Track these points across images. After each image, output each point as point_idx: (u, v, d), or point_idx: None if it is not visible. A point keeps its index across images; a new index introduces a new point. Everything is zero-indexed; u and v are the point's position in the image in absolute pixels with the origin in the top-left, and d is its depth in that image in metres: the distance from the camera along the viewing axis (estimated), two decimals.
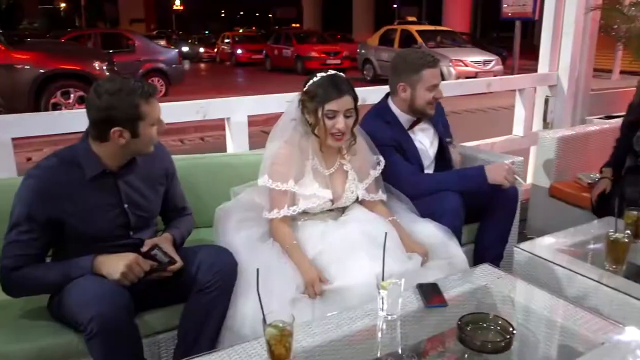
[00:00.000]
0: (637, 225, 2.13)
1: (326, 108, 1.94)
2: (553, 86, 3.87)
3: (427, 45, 13.35)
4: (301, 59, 16.95)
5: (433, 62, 2.32)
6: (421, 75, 2.31)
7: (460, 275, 1.87)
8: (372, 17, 26.68)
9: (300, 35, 19.03)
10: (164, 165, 1.92)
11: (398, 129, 2.40)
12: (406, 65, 2.34)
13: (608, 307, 1.81)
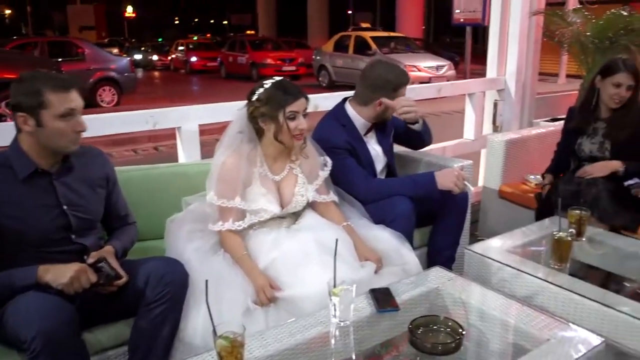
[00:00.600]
0: (580, 224, 2.21)
1: (287, 110, 1.97)
2: (501, 90, 3.98)
3: (381, 51, 13.52)
4: (256, 66, 16.89)
5: (408, 79, 2.44)
6: (398, 92, 2.39)
7: (412, 279, 1.90)
8: (327, 23, 26.84)
9: (255, 42, 18.98)
10: (104, 170, 1.90)
11: (353, 133, 2.43)
12: (388, 84, 2.37)
13: (554, 304, 1.87)
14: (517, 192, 3.12)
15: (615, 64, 2.64)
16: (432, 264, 2.19)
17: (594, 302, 1.76)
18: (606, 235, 2.35)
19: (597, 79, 2.70)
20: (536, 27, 3.93)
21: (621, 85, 2.59)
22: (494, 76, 3.99)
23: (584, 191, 2.60)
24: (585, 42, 3.48)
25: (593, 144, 2.76)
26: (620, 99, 2.61)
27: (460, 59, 15.38)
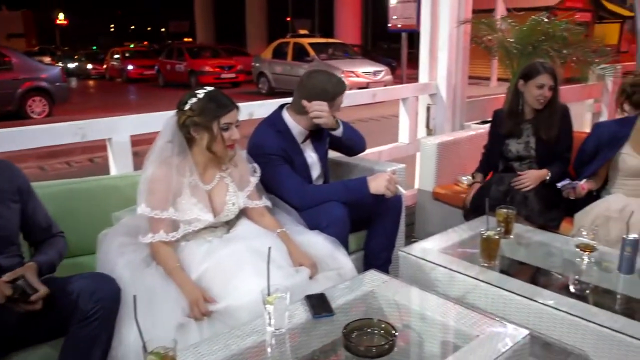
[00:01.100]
0: (507, 222, 2.30)
1: (222, 121, 1.98)
2: (433, 95, 4.09)
3: (319, 57, 13.65)
4: (195, 73, 16.68)
5: (344, 88, 2.46)
6: (335, 101, 2.42)
7: (347, 284, 1.92)
8: (266, 30, 26.84)
9: (194, 50, 18.75)
10: (15, 182, 1.81)
11: (289, 140, 2.44)
12: (327, 94, 2.39)
13: (485, 301, 1.94)
14: (450, 193, 3.21)
15: (535, 67, 2.78)
16: (368, 268, 2.22)
17: (521, 296, 1.84)
18: (533, 232, 2.45)
19: (520, 84, 2.83)
20: (464, 34, 4.06)
21: (544, 86, 2.73)
22: (426, 81, 4.10)
23: (513, 191, 2.72)
24: (510, 48, 3.63)
25: (519, 144, 2.90)
26: (545, 99, 2.75)
27: (397, 64, 15.73)
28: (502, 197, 2.71)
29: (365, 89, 7.07)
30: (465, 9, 4.04)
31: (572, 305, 1.77)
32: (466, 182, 3.20)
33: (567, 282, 2.06)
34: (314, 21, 29.57)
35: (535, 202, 2.66)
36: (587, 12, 18.87)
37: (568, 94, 5.33)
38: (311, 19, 29.72)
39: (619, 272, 2.01)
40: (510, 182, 2.76)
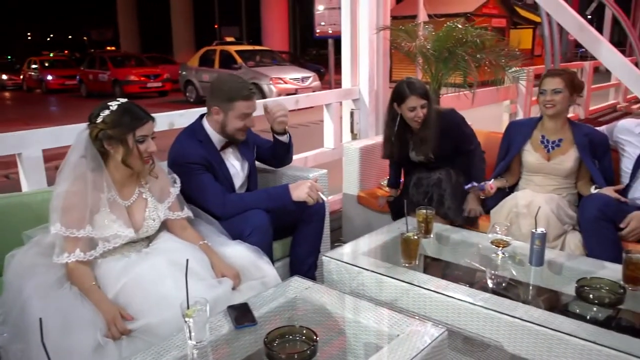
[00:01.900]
0: (427, 222, 2.37)
1: (138, 134, 1.93)
2: (356, 100, 4.16)
3: (247, 64, 13.59)
4: (119, 83, 16.18)
5: (248, 95, 2.39)
6: (234, 105, 2.36)
7: (271, 292, 1.92)
8: (193, 37, 26.42)
9: (117, 59, 18.17)
10: None
11: (210, 148, 2.42)
12: (223, 92, 2.38)
13: (406, 300, 1.98)
14: (373, 197, 3.26)
15: (403, 89, 2.76)
16: (294, 274, 2.23)
17: (439, 294, 1.90)
18: (452, 230, 2.54)
19: (395, 106, 2.83)
20: (384, 40, 4.16)
21: (415, 108, 2.73)
22: (349, 87, 4.17)
23: (432, 192, 2.81)
24: (427, 54, 3.74)
25: (418, 156, 2.91)
26: (421, 119, 2.76)
27: (326, 70, 15.92)
28: (423, 197, 2.80)
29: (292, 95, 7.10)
30: (383, 16, 4.14)
31: (487, 299, 1.84)
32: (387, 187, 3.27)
33: (483, 277, 2.14)
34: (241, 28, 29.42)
35: (451, 201, 2.76)
36: (502, 18, 19.85)
37: (485, 96, 5.59)
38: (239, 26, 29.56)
39: (530, 265, 2.11)
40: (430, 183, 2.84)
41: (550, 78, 2.64)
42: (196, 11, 26.76)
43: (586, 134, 2.67)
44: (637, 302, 1.88)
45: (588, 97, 9.49)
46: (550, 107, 2.63)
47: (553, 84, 2.62)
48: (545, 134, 2.73)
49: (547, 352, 1.66)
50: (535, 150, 2.73)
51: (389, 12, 4.21)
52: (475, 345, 2.11)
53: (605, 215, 2.38)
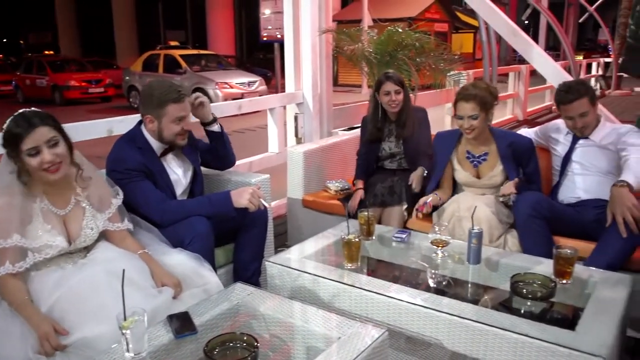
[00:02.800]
0: (369, 224, 2.40)
1: (24, 148, 1.82)
2: (300, 104, 4.18)
3: (192, 69, 13.41)
4: (59, 89, 15.63)
5: (178, 97, 2.33)
6: (166, 110, 2.32)
7: (213, 299, 1.89)
8: (137, 41, 25.83)
9: (57, 63, 17.50)
10: None
11: (150, 155, 2.37)
12: (152, 99, 2.33)
13: (349, 303, 1.99)
14: (319, 200, 3.28)
15: (380, 78, 3.10)
16: (238, 280, 2.21)
17: (381, 295, 1.92)
18: (394, 231, 2.57)
19: (376, 95, 3.12)
20: (326, 44, 4.19)
21: (390, 92, 3.01)
22: (293, 91, 4.18)
23: (395, 186, 2.96)
24: (370, 57, 3.81)
25: (390, 142, 3.16)
26: (395, 103, 3.02)
27: (273, 74, 15.90)
28: (388, 193, 2.95)
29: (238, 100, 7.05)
30: (326, 19, 4.18)
31: (426, 299, 1.88)
32: (333, 189, 3.29)
33: (424, 276, 2.19)
34: (187, 32, 29.03)
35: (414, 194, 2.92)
36: (444, 22, 20.39)
37: (428, 99, 5.72)
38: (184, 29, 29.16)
39: (468, 263, 2.17)
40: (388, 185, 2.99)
41: (465, 103, 2.61)
42: (140, 14, 26.19)
43: (509, 144, 2.71)
44: (567, 295, 1.96)
45: (525, 99, 9.86)
46: (470, 132, 2.66)
47: (469, 110, 2.60)
48: (470, 149, 2.79)
49: (484, 347, 1.71)
50: (463, 167, 2.80)
51: (331, 15, 4.26)
52: (418, 344, 2.16)
53: (538, 213, 2.47)
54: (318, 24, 4.08)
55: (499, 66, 10.54)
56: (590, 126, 2.65)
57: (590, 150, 2.68)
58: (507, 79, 10.02)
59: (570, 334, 1.63)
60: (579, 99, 2.58)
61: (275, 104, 4.07)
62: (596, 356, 1.52)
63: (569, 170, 2.72)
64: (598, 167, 2.64)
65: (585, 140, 2.70)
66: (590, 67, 16.26)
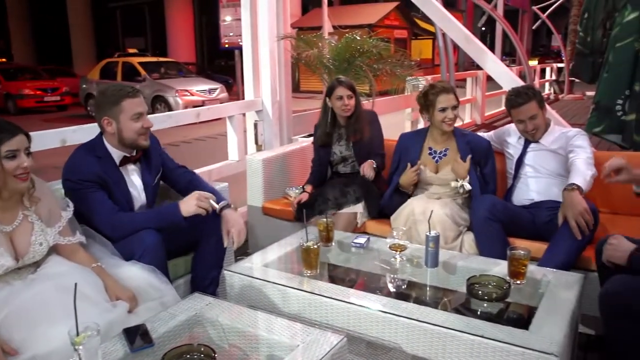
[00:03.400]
0: (328, 230, 2.40)
1: (4, 150, 1.79)
2: (259, 111, 4.16)
3: (151, 77, 13.23)
4: (12, 97, 15.15)
5: (133, 93, 2.30)
6: (121, 106, 2.26)
7: (170, 311, 1.86)
8: (94, 49, 25.33)
9: (10, 71, 16.96)
10: None
11: (110, 165, 2.32)
12: (105, 98, 2.29)
13: (309, 310, 1.99)
14: (279, 208, 3.27)
15: (332, 83, 3.14)
16: (196, 290, 2.18)
17: (340, 301, 1.92)
18: (352, 237, 2.58)
19: (327, 100, 3.14)
20: (285, 51, 4.20)
21: (342, 97, 3.05)
22: (252, 98, 4.16)
23: (347, 188, 2.96)
24: (327, 64, 3.83)
25: (341, 145, 3.18)
26: (347, 108, 3.06)
27: (234, 81, 15.83)
28: (342, 196, 2.95)
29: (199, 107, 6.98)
30: (284, 26, 4.18)
31: (384, 303, 1.89)
32: (293, 195, 3.29)
33: (383, 281, 2.20)
34: (147, 39, 28.62)
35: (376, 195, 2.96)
36: (404, 29, 20.69)
37: (386, 104, 5.78)
38: (144, 37, 28.75)
39: (426, 267, 2.20)
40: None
41: (446, 95, 2.75)
42: (97, 22, 25.72)
43: (468, 142, 2.81)
44: (522, 295, 2.01)
45: (483, 103, 10.09)
46: (451, 123, 2.77)
47: (452, 101, 2.76)
48: (433, 145, 2.87)
49: (442, 349, 1.73)
50: (424, 163, 2.86)
51: (289, 22, 4.27)
52: (378, 349, 2.17)
53: (494, 216, 2.52)
54: (276, 31, 4.08)
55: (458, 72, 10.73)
56: (540, 129, 2.73)
57: (541, 154, 2.76)
58: (465, 84, 10.24)
59: (524, 333, 1.67)
60: (528, 102, 2.67)
61: (234, 111, 4.04)
62: (548, 354, 1.56)
63: (522, 173, 2.79)
64: (549, 170, 2.72)
65: (536, 144, 2.78)
66: (544, 72, 16.75)
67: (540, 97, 2.72)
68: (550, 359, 1.55)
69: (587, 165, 2.51)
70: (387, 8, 19.30)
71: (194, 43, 23.25)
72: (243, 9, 4.12)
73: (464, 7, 26.80)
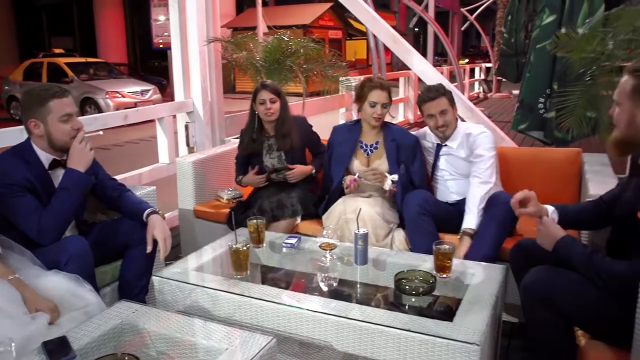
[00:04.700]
0: (258, 232, 2.39)
1: None
2: (190, 112, 4.09)
3: (79, 78, 12.75)
4: None
5: (60, 93, 2.21)
6: (49, 107, 2.17)
7: (95, 320, 1.80)
8: (17, 48, 24.04)
9: None
10: None
11: (39, 169, 2.22)
12: (31, 99, 2.19)
13: (239, 312, 1.98)
14: (210, 210, 3.22)
15: (257, 87, 3.06)
16: (124, 298, 2.12)
17: (269, 302, 1.92)
18: (284, 237, 2.58)
19: (253, 105, 3.07)
20: (215, 52, 4.15)
21: (265, 101, 2.98)
22: (182, 99, 4.09)
23: (283, 199, 2.93)
24: (257, 65, 3.81)
25: (272, 158, 3.10)
26: (270, 111, 2.99)
27: (168, 82, 15.47)
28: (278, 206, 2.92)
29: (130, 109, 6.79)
30: (213, 27, 4.13)
31: (314, 302, 1.91)
32: (225, 197, 3.26)
33: (315, 280, 2.22)
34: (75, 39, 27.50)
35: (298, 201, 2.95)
36: (338, 30, 20.89)
37: (318, 105, 5.82)
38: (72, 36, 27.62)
39: (356, 264, 2.23)
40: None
41: (380, 91, 2.79)
42: (20, 20, 24.43)
43: (393, 138, 2.86)
44: (448, 288, 2.07)
45: (415, 102, 10.32)
46: (378, 119, 2.81)
47: (384, 99, 2.79)
48: (364, 139, 2.91)
49: (371, 345, 1.76)
50: (356, 156, 2.90)
51: (219, 23, 4.22)
52: (311, 348, 2.19)
53: (425, 210, 2.59)
54: (206, 31, 4.03)
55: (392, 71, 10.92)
56: (450, 126, 2.77)
57: (451, 158, 2.83)
58: (398, 83, 10.45)
59: (449, 325, 1.72)
60: (439, 97, 2.74)
61: (164, 113, 3.95)
62: (470, 343, 1.61)
63: (439, 176, 2.88)
64: (462, 173, 2.80)
65: (446, 149, 2.84)
66: (473, 72, 17.35)
67: (450, 96, 2.79)
68: (472, 348, 1.61)
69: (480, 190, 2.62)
70: (321, 9, 19.42)
71: (126, 43, 22.53)
72: (171, 8, 4.05)
73: (397, 8, 27.38)
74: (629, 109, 1.71)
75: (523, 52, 7.96)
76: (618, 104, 1.76)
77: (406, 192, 2.73)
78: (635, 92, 1.68)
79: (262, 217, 2.46)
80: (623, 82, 1.73)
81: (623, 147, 1.78)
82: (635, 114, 1.69)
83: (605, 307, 1.69)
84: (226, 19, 16.39)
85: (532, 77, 4.16)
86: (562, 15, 3.94)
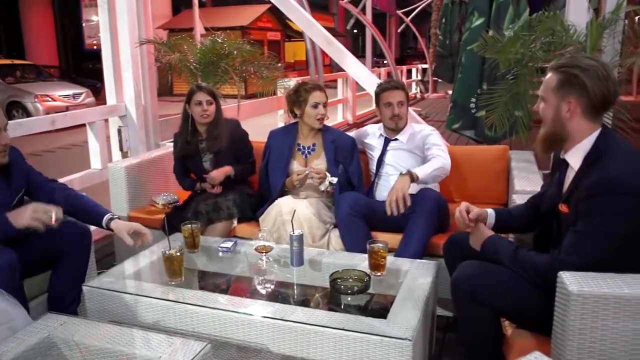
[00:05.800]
0: (193, 237, 2.36)
1: None
2: (123, 116, 3.99)
3: (5, 81, 12.12)
4: None
5: None
6: None
7: (18, 335, 1.72)
8: None
9: None
10: None
11: None
12: None
13: (174, 319, 1.95)
14: (145, 216, 3.13)
15: (192, 89, 3.05)
16: (55, 310, 2.04)
17: (204, 307, 1.90)
18: (219, 241, 2.55)
19: (187, 107, 3.05)
20: (148, 54, 4.06)
21: (201, 102, 2.97)
22: (114, 103, 3.97)
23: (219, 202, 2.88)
24: (191, 67, 3.76)
25: (205, 162, 3.08)
26: (207, 114, 2.98)
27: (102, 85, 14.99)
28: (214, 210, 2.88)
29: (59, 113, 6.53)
30: (146, 29, 4.04)
31: (248, 306, 1.90)
32: (161, 202, 3.19)
33: (252, 283, 2.21)
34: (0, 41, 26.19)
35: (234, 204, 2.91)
36: (277, 31, 20.87)
37: (255, 107, 5.80)
38: None
39: (292, 266, 2.24)
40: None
41: (320, 92, 2.85)
42: None
43: (333, 140, 2.91)
44: (382, 286, 2.11)
45: (354, 103, 10.46)
46: (322, 119, 2.87)
47: (324, 98, 2.86)
48: (301, 141, 2.93)
49: (307, 345, 1.78)
50: (294, 158, 2.91)
51: (151, 24, 4.13)
52: (249, 352, 2.17)
53: (357, 212, 2.63)
54: (137, 33, 3.93)
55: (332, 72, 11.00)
56: (404, 119, 2.91)
57: (399, 152, 2.92)
58: (336, 84, 10.55)
59: (382, 322, 1.76)
60: (398, 89, 2.89)
61: (95, 117, 3.83)
62: (403, 339, 1.65)
63: (382, 172, 2.94)
64: (407, 168, 2.87)
65: (395, 143, 2.93)
66: (410, 73, 17.74)
67: (407, 93, 2.95)
68: (405, 344, 1.65)
69: (438, 161, 2.70)
70: (259, 10, 19.34)
71: (56, 44, 21.65)
72: (100, 9, 3.92)
73: (336, 10, 27.61)
74: (554, 103, 1.78)
75: (457, 54, 8.23)
76: (544, 100, 1.83)
77: (343, 192, 2.78)
78: (560, 86, 1.76)
79: (197, 221, 2.43)
80: (548, 79, 1.81)
81: (549, 142, 1.85)
82: (561, 108, 1.77)
83: (527, 298, 1.77)
84: (162, 20, 16.06)
85: (464, 78, 4.31)
86: (490, 18, 4.10)
